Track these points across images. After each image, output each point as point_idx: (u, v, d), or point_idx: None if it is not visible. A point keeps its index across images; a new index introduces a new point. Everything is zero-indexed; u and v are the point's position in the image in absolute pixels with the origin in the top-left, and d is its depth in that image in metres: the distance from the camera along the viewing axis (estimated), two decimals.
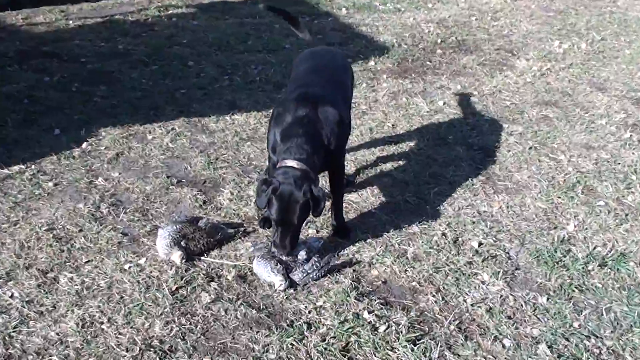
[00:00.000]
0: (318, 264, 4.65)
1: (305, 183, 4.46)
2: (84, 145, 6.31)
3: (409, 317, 4.38)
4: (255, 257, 4.68)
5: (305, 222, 4.70)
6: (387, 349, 4.08)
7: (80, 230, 5.03)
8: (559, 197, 5.81)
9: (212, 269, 4.76)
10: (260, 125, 6.86)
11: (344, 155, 5.06)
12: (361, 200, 5.64)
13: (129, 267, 4.64)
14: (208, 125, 6.82)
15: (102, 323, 4.16)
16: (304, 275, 4.60)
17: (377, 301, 4.49)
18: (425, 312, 4.42)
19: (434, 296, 4.57)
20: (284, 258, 4.64)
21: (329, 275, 4.69)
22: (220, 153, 6.27)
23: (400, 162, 6.30)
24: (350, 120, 5.21)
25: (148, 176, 5.82)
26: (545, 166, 6.35)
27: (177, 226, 4.77)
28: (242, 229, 5.15)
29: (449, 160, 6.38)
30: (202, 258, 4.84)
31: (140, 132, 6.63)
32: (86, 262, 4.71)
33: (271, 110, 5.23)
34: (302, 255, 4.73)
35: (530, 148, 6.68)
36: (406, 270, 4.79)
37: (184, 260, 4.67)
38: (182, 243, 4.70)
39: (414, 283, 4.71)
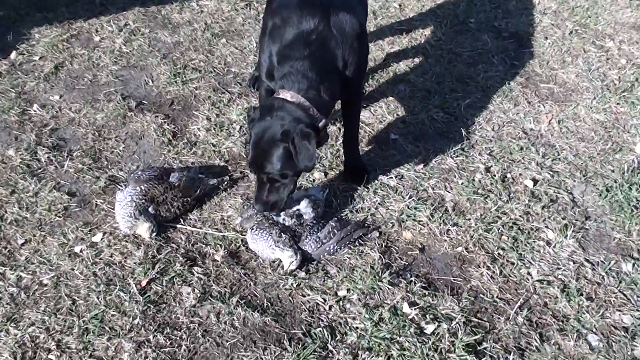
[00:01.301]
0: (336, 232, 3.35)
1: (294, 124, 3.18)
2: (13, 55, 4.80)
3: (462, 307, 3.28)
4: (248, 229, 3.43)
5: (295, 175, 3.41)
6: None
7: (13, 192, 3.64)
8: (618, 104, 4.51)
9: (192, 245, 3.54)
10: (236, 13, 5.36)
11: (364, 80, 3.74)
12: (376, 121, 4.41)
13: (81, 251, 3.38)
14: (170, 16, 5.30)
15: (48, 351, 2.88)
16: (318, 245, 3.38)
17: (418, 284, 3.36)
18: (482, 296, 3.33)
19: (488, 268, 3.41)
20: (285, 221, 3.50)
21: (350, 247, 3.48)
22: (188, 57, 4.90)
23: (417, 61, 4.97)
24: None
25: (98, 98, 4.44)
26: (594, 58, 5.09)
27: (142, 186, 3.50)
28: (227, 176, 3.90)
29: (475, 55, 5.04)
30: (178, 226, 3.61)
31: (84, 31, 5.12)
32: (22, 244, 3.38)
33: None
34: (306, 210, 3.54)
35: (570, 33, 5.34)
36: (448, 230, 3.62)
37: (154, 234, 3.45)
38: (150, 209, 3.49)
39: (459, 249, 3.58)
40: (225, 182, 3.78)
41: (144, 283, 3.24)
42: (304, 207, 3.51)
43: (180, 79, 4.58)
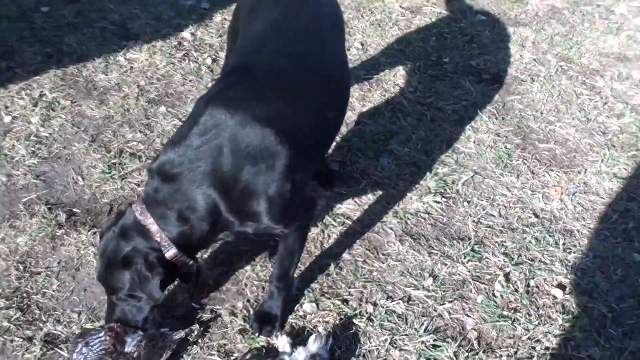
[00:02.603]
0: None
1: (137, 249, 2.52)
2: None
3: None
4: None
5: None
6: None
7: None
8: (627, 165, 3.75)
9: None
10: (173, 68, 4.38)
11: (302, 202, 2.79)
12: (364, 215, 3.61)
13: None
14: (94, 78, 4.24)
15: None
16: None
17: None
18: None
19: None
20: None
21: None
22: (123, 138, 3.91)
23: (396, 122, 4.06)
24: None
25: (17, 212, 3.50)
26: (588, 104, 4.46)
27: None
28: (196, 324, 2.99)
29: (460, 109, 4.27)
30: None
31: None
32: None
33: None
34: None
35: (557, 71, 4.56)
36: None
37: None
38: None
39: None
40: (195, 332, 2.82)
41: None
42: None
43: (116, 171, 3.55)
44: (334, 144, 3.56)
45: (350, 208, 3.52)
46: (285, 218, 2.62)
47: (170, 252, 2.54)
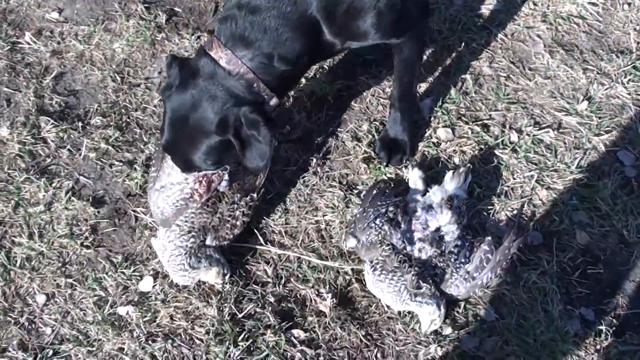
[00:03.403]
0: (490, 257, 2.14)
1: (234, 108, 2.01)
2: None
3: None
4: (367, 261, 2.27)
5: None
6: None
7: (16, 207, 2.53)
8: None
9: (284, 285, 2.40)
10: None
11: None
12: (502, 31, 2.93)
13: (128, 313, 2.33)
14: None
15: None
16: (467, 282, 2.27)
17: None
18: None
19: None
20: (422, 252, 2.30)
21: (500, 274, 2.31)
22: None
23: None
24: None
25: (111, 12, 3.06)
26: None
27: (179, 222, 2.23)
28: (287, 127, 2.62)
29: None
30: (258, 247, 2.45)
31: None
32: (44, 304, 2.31)
33: None
34: (449, 229, 2.32)
35: None
36: None
37: (226, 277, 2.25)
38: (209, 241, 2.32)
39: None
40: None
41: None
42: (447, 223, 2.23)
43: None
44: None
45: (491, 9, 2.91)
46: (397, 29, 2.15)
47: (273, 102, 2.09)
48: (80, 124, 2.63)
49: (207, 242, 2.26)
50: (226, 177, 2.28)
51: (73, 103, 2.70)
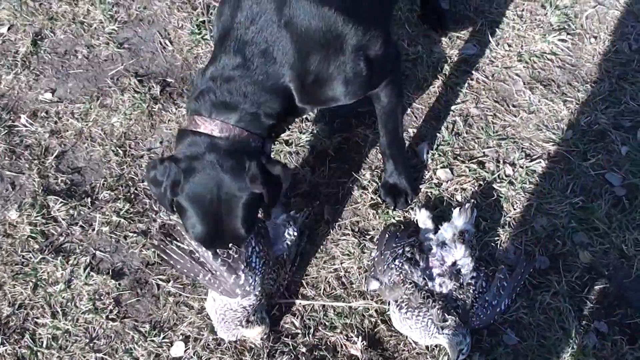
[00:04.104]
0: (505, 285, 2.27)
1: (246, 159, 2.00)
2: None
3: None
4: (392, 302, 2.31)
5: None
6: None
7: (35, 288, 2.48)
8: None
9: (313, 333, 2.43)
10: None
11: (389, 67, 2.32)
12: (482, 74, 3.07)
13: None
14: None
15: None
16: (487, 310, 2.40)
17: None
18: None
19: None
20: (442, 287, 2.38)
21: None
22: None
23: None
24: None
25: (105, 87, 3.07)
26: None
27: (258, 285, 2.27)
28: (309, 209, 2.65)
29: None
30: (285, 302, 2.49)
31: None
32: None
33: None
34: (464, 262, 2.34)
35: None
36: None
37: (265, 335, 2.23)
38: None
39: None
40: (307, 216, 2.50)
41: None
42: (462, 257, 2.32)
43: (207, 30, 3.15)
44: None
45: (470, 54, 3.04)
46: (368, 87, 2.22)
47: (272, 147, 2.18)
48: (89, 199, 2.64)
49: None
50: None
51: (78, 180, 2.71)
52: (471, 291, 2.32)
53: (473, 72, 3.00)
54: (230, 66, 2.02)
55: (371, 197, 2.65)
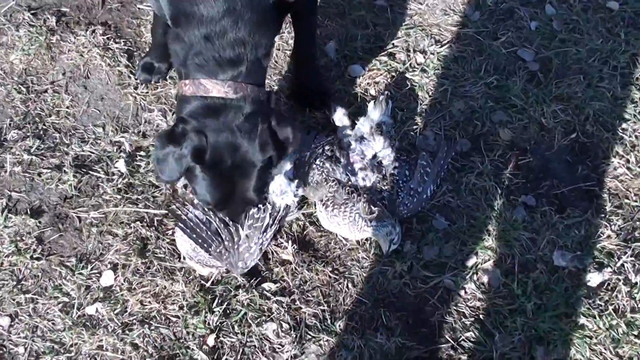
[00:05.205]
0: (429, 171, 2.31)
1: (260, 121, 1.95)
2: None
3: None
4: (317, 201, 2.34)
5: None
6: None
7: None
8: None
9: None
10: None
11: None
12: None
13: (97, 311, 2.21)
14: None
15: None
16: (414, 198, 2.39)
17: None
18: None
19: None
20: (365, 180, 2.36)
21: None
22: None
23: None
24: None
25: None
26: None
27: None
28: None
29: None
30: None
31: None
32: (9, 325, 2.12)
33: None
34: (385, 153, 2.42)
35: None
36: None
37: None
38: None
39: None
40: None
41: (211, 341, 2.04)
42: (382, 149, 2.29)
43: None
44: None
45: None
46: None
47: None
48: None
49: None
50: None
51: None
52: (395, 181, 2.29)
53: None
54: (219, 15, 1.89)
55: (285, 102, 2.56)
